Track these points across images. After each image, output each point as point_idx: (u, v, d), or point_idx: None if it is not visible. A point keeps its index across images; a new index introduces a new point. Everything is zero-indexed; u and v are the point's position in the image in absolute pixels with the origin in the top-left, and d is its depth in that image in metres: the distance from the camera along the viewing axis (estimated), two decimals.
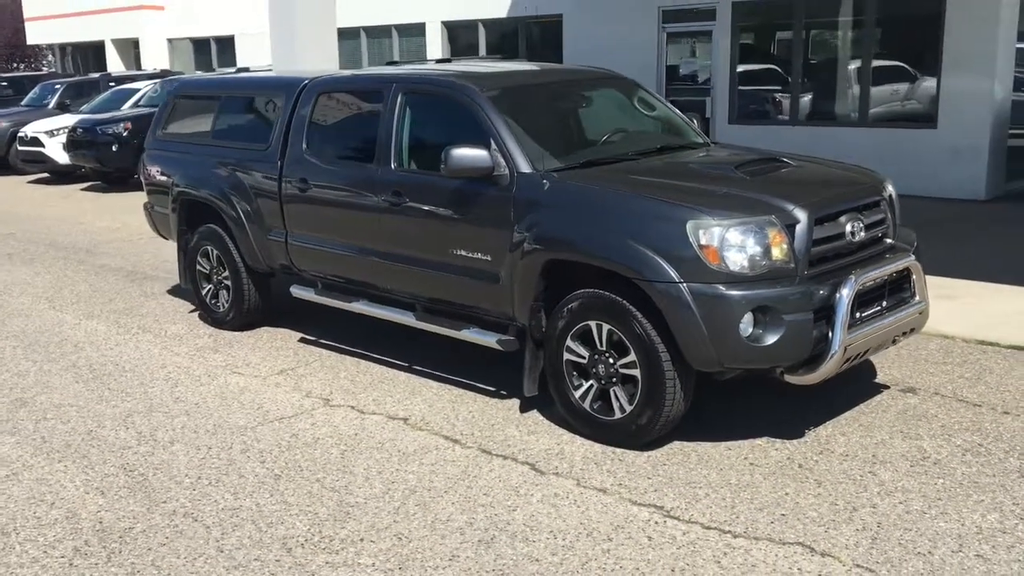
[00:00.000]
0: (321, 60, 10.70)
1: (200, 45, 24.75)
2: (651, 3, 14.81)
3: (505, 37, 17.07)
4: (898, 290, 4.99)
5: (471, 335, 5.51)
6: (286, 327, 7.26)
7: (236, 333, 7.19)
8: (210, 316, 7.42)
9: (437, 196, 5.47)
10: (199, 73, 21.19)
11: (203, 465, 4.82)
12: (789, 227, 4.52)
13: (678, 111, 6.42)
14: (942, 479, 4.37)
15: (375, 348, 6.56)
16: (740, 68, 14.29)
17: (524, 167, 5.12)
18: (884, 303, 4.87)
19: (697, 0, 14.33)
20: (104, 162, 15.87)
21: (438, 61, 7.53)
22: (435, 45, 18.06)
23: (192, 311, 7.88)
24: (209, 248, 7.22)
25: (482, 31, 17.43)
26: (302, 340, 6.94)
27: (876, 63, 13.04)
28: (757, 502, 4.22)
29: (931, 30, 12.44)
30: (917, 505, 4.13)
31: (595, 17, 15.44)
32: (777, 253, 4.46)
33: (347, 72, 6.64)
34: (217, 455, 4.95)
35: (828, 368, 4.52)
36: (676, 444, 4.83)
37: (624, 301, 4.63)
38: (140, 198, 8.55)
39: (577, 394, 4.95)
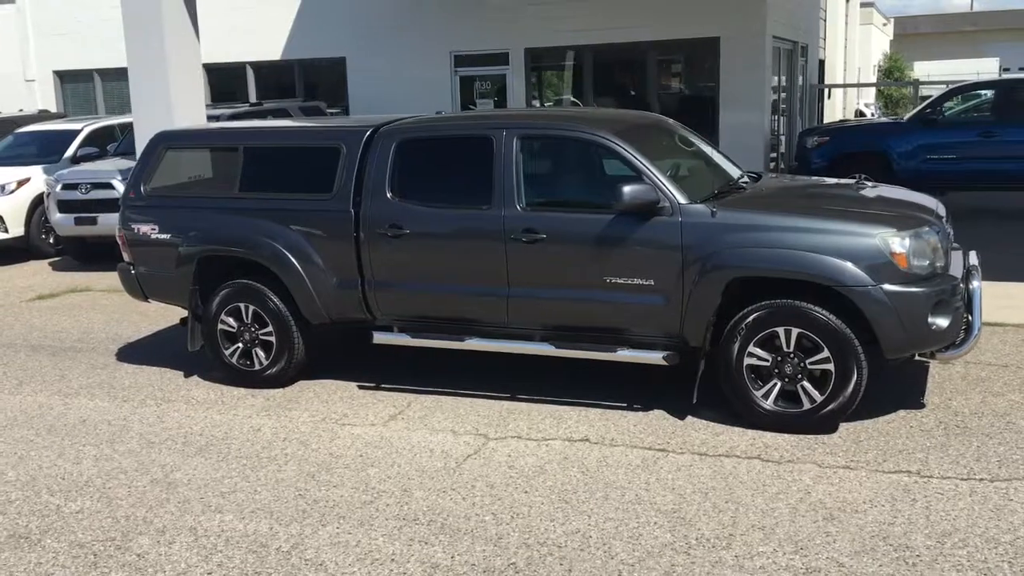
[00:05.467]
0: (191, 102, 10.27)
1: None
2: (442, 48, 15.53)
3: (280, 79, 16.85)
4: None
5: (630, 355, 5.97)
6: (323, 378, 7.10)
7: (277, 391, 6.91)
8: (238, 376, 7.03)
9: (587, 231, 5.87)
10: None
11: (474, 504, 4.88)
12: (937, 234, 5.61)
13: (714, 146, 7.33)
14: None
15: (445, 384, 6.76)
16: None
17: (682, 199, 5.74)
18: None
19: (490, 46, 15.28)
20: None
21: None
22: None
23: (188, 376, 7.38)
24: (242, 305, 6.88)
25: (251, 73, 17.04)
26: (362, 387, 6.88)
27: (661, 96, 14.84)
28: (969, 455, 5.21)
29: (710, 71, 14.46)
30: None
31: (382, 60, 15.83)
32: (936, 256, 5.52)
33: (425, 118, 6.75)
34: (469, 494, 5.01)
35: (972, 344, 5.65)
36: (845, 426, 5.69)
37: (816, 306, 5.43)
38: None
39: (759, 393, 5.65)
